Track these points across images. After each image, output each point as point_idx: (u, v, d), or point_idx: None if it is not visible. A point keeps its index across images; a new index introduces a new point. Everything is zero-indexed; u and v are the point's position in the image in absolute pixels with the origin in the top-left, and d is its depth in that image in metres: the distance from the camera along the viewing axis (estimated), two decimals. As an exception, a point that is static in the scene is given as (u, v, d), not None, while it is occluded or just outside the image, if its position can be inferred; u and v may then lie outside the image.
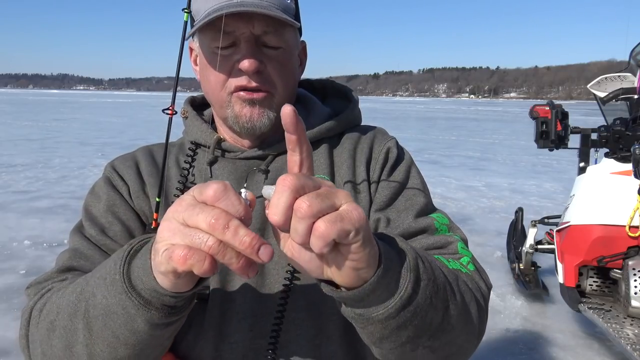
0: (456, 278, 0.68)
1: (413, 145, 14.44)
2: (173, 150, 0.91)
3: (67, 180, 8.32)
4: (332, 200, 0.48)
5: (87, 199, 0.86)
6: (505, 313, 3.69)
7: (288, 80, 0.83)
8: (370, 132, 0.92)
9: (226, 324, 0.77)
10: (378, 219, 0.81)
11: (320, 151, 0.87)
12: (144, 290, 0.56)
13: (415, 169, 0.90)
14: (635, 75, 3.26)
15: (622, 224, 2.88)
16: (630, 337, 2.62)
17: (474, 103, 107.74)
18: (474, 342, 0.71)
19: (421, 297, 0.58)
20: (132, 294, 0.57)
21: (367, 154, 0.87)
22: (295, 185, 0.47)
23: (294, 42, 0.84)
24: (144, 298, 0.57)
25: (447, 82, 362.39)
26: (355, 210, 0.48)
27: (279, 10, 0.77)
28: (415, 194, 0.85)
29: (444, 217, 0.84)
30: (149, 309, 0.57)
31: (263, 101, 0.80)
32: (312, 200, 0.46)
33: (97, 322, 0.61)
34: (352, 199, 0.50)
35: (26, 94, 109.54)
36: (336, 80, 1.02)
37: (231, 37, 0.77)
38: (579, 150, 3.65)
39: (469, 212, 6.67)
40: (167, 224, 0.50)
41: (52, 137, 15.61)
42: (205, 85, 0.85)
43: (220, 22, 0.74)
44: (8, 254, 4.64)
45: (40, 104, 47.04)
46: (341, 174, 0.85)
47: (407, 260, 0.58)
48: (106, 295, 0.59)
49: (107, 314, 0.60)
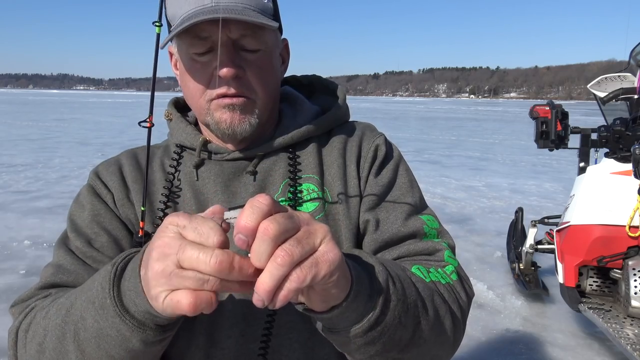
0: (431, 293, 0.69)
1: (413, 145, 14.44)
2: (158, 153, 0.89)
3: (67, 180, 8.32)
4: (312, 244, 0.48)
5: (72, 208, 0.84)
6: (505, 313, 3.68)
7: (269, 83, 0.81)
8: (359, 129, 0.91)
9: (217, 330, 0.76)
10: (367, 221, 0.81)
11: (309, 150, 0.85)
12: (138, 313, 0.56)
13: (404, 165, 0.89)
14: (635, 75, 3.25)
15: (622, 224, 2.88)
16: (630, 337, 2.62)
17: (474, 103, 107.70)
18: (448, 352, 0.73)
19: (390, 317, 0.60)
20: (126, 317, 0.57)
21: (357, 151, 0.86)
22: (276, 235, 0.46)
23: (274, 42, 0.82)
24: (138, 320, 0.57)
25: (447, 82, 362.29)
26: (332, 252, 0.49)
27: (255, 11, 0.75)
28: (403, 194, 0.84)
29: (434, 221, 0.84)
30: (144, 329, 0.57)
31: (244, 107, 0.79)
32: (292, 249, 0.46)
33: (89, 344, 0.61)
34: (330, 234, 0.50)
35: (26, 94, 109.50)
36: (336, 81, 1.01)
37: (208, 43, 0.76)
38: (579, 150, 3.65)
39: (469, 212, 6.66)
40: (159, 266, 0.49)
41: (52, 137, 15.61)
42: (185, 92, 0.84)
43: (197, 28, 0.73)
44: (8, 254, 4.65)
45: (40, 104, 47.04)
46: (332, 173, 0.84)
47: (377, 282, 0.59)
48: (97, 319, 0.59)
49: (100, 337, 0.59)
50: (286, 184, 0.81)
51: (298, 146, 0.86)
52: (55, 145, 13.27)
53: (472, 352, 3.17)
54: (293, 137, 0.85)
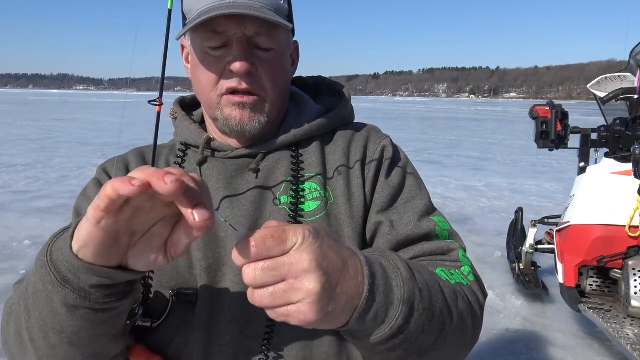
0: (456, 297, 0.70)
1: (413, 145, 14.44)
2: (164, 152, 0.90)
3: (67, 180, 8.32)
4: (287, 299, 0.51)
5: (78, 201, 0.86)
6: (505, 313, 3.68)
7: (279, 82, 0.82)
8: (364, 130, 0.91)
9: (215, 326, 0.76)
10: (380, 222, 0.81)
11: (312, 149, 0.86)
12: (62, 263, 0.55)
13: (412, 167, 0.90)
14: (635, 75, 3.25)
15: (622, 224, 2.88)
16: (630, 337, 2.62)
17: (474, 103, 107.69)
18: (466, 351, 0.74)
19: (413, 326, 0.60)
20: (51, 267, 0.56)
21: (362, 152, 0.86)
22: (254, 283, 0.51)
23: (286, 43, 0.83)
24: (61, 273, 0.56)
25: (447, 82, 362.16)
26: (306, 314, 0.51)
27: (272, 11, 0.76)
28: (414, 196, 0.85)
29: (445, 223, 0.85)
30: (64, 286, 0.56)
31: (254, 106, 0.80)
32: (263, 299, 0.51)
33: (29, 302, 0.61)
34: (316, 297, 0.51)
35: (26, 94, 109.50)
36: (336, 80, 1.01)
37: (223, 38, 0.77)
38: (579, 150, 3.65)
39: (469, 212, 6.66)
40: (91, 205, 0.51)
41: (52, 137, 15.61)
42: (196, 85, 0.84)
43: (213, 23, 0.74)
44: (8, 254, 4.64)
45: (40, 104, 47.04)
46: (335, 172, 0.84)
47: (402, 292, 0.60)
48: (35, 273, 0.60)
49: (35, 292, 0.60)
50: (289, 182, 0.82)
51: (301, 145, 0.86)
52: (55, 145, 13.26)
53: (472, 352, 3.13)
54: (296, 135, 0.85)
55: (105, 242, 0.52)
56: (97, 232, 0.51)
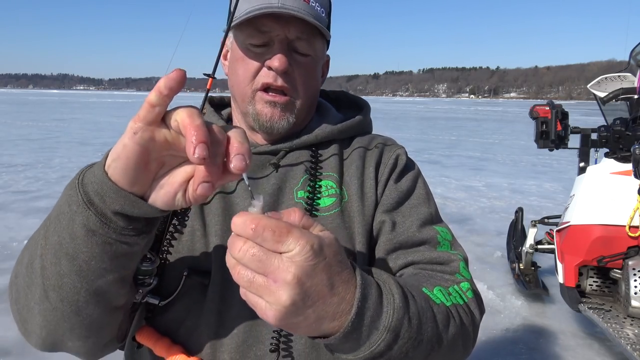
0: (448, 323, 0.70)
1: (413, 145, 14.44)
2: None
3: (67, 180, 8.10)
4: (260, 293, 0.52)
5: None
6: (505, 313, 3.69)
7: (310, 87, 0.87)
8: (381, 139, 0.95)
9: (227, 310, 0.77)
10: (383, 221, 0.83)
11: (330, 151, 0.90)
12: (91, 185, 0.57)
13: (422, 179, 0.93)
14: (635, 75, 3.26)
15: (622, 224, 2.88)
16: (630, 337, 2.62)
17: (474, 103, 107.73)
18: None
19: (396, 352, 0.61)
20: (80, 189, 0.58)
21: (377, 158, 0.90)
22: (239, 260, 0.52)
23: (321, 53, 0.89)
24: (88, 195, 0.57)
25: (447, 82, 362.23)
26: (270, 316, 0.52)
27: (314, 19, 0.81)
28: (420, 203, 0.88)
29: (448, 233, 0.86)
30: (88, 208, 0.57)
31: (285, 105, 0.84)
32: (243, 277, 0.52)
33: (50, 227, 0.62)
34: (282, 307, 0.51)
35: (26, 94, 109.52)
36: (336, 81, 1.04)
37: (266, 37, 0.82)
38: (579, 150, 3.66)
39: (469, 212, 6.67)
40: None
41: (52, 137, 15.61)
42: (232, 79, 0.88)
43: (258, 22, 0.79)
44: (8, 254, 4.64)
45: (40, 104, 47.04)
46: (350, 173, 0.88)
47: (390, 320, 0.60)
48: (62, 196, 0.61)
49: (58, 215, 0.61)
50: (306, 178, 0.85)
51: (321, 146, 0.91)
52: (55, 145, 13.27)
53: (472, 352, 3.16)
54: (317, 136, 0.90)
55: (136, 158, 0.53)
56: (131, 145, 0.53)
